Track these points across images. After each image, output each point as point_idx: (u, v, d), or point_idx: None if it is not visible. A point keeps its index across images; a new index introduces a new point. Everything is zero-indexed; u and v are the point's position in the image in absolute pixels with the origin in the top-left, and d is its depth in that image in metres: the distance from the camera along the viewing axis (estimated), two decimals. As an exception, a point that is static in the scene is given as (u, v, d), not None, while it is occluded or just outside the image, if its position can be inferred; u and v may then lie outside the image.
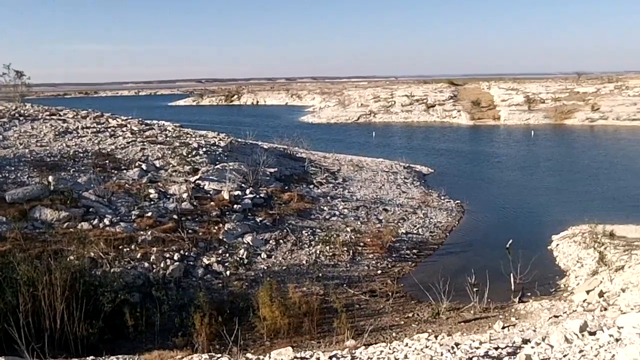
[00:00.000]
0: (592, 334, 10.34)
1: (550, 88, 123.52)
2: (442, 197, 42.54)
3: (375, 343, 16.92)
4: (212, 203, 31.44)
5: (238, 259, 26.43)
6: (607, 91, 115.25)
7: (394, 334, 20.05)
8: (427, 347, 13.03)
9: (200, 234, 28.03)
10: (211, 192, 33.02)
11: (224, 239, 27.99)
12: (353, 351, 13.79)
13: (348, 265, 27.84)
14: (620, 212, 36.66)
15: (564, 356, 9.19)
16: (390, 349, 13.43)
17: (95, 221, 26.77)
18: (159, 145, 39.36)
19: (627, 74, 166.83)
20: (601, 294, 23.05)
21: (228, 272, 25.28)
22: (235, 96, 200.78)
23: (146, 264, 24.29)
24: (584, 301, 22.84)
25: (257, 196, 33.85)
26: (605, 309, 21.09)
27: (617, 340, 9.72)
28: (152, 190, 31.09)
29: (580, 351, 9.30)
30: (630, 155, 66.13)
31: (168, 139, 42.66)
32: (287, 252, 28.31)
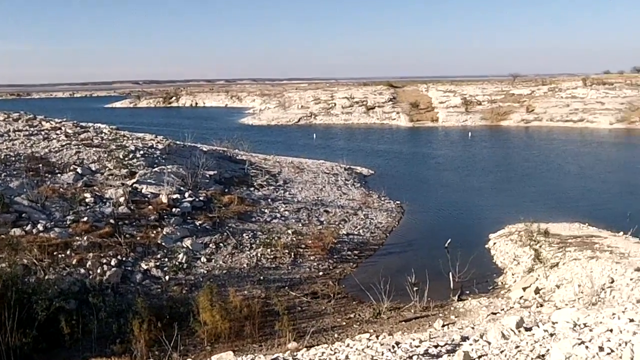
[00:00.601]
0: (528, 329, 10.54)
1: (486, 90, 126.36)
2: (383, 198, 42.91)
3: (317, 345, 16.85)
4: (150, 207, 30.84)
5: (177, 263, 26.01)
6: (542, 93, 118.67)
7: (336, 335, 20.04)
8: (368, 347, 13.04)
9: (138, 238, 27.45)
10: (149, 196, 32.40)
11: (163, 244, 27.50)
12: (295, 353, 13.68)
13: (290, 268, 27.74)
14: (554, 210, 37.68)
15: (501, 352, 9.32)
16: (332, 350, 13.38)
17: (28, 227, 25.86)
18: (94, 149, 38.41)
19: (560, 76, 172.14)
20: (537, 291, 23.63)
21: (167, 277, 24.85)
22: (174, 98, 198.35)
23: (82, 270, 23.62)
24: (520, 298, 23.36)
25: (197, 199, 33.39)
26: (541, 305, 21.62)
27: (551, 335, 9.92)
28: (87, 195, 30.29)
29: (517, 347, 9.45)
30: (563, 156, 68.19)
31: (104, 141, 41.69)
32: (227, 256, 28.00)
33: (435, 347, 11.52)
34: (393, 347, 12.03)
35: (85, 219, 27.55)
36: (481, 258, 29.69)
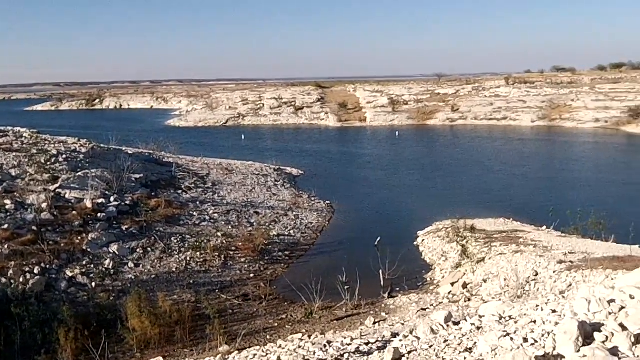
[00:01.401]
0: (457, 324, 10.75)
1: (412, 90, 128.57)
2: (313, 198, 43.06)
3: (249, 347, 16.74)
4: (74, 212, 29.90)
5: (104, 269, 25.34)
6: (466, 92, 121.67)
7: (268, 337, 19.96)
8: (300, 347, 13.06)
9: (63, 245, 26.56)
10: (73, 201, 31.40)
11: (89, 250, 26.72)
12: (226, 356, 13.58)
13: (220, 271, 27.47)
14: (480, 206, 38.70)
15: (430, 347, 9.49)
16: (263, 351, 13.34)
17: (-57, 236, 24.69)
18: (14, 153, 36.91)
19: (484, 76, 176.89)
20: (465, 286, 24.18)
21: (94, 284, 24.17)
22: (97, 100, 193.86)
23: (3, 280, 22.71)
24: (449, 293, 23.85)
25: (123, 203, 32.60)
26: (469, 300, 22.14)
27: (478, 328, 10.16)
28: (7, 201, 29.08)
29: (445, 341, 9.63)
30: (487, 153, 70.17)
31: (25, 146, 40.11)
32: (155, 260, 27.47)
33: (367, 344, 11.64)
34: (325, 346, 12.08)
35: (6, 226, 26.46)
36: (410, 255, 30.17)
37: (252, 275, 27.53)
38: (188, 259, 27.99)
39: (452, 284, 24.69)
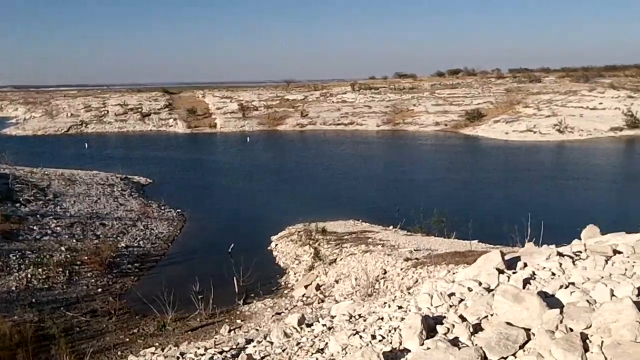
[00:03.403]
0: (309, 325, 10.95)
1: (262, 96, 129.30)
2: (163, 207, 42.12)
3: (99, 365, 16.06)
4: None
5: None
6: (314, 98, 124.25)
7: (119, 353, 19.22)
8: (152, 361, 12.73)
9: None
10: None
11: None
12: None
13: (65, 287, 26.06)
14: (331, 209, 39.48)
15: (283, 350, 9.59)
16: (114, 369, 12.83)
17: None
18: None
19: (331, 82, 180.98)
20: (318, 287, 24.67)
21: None
22: None
23: None
24: (303, 296, 24.21)
25: (-47, 220, 30.13)
26: (323, 301, 22.61)
27: (330, 328, 10.41)
28: None
29: (298, 344, 9.78)
30: (336, 157, 72.15)
31: None
32: (-8, 280, 25.58)
33: (221, 353, 11.56)
34: (178, 358, 11.88)
35: None
36: (265, 260, 30.32)
37: (100, 289, 26.38)
38: (29, 276, 26.29)
39: (306, 287, 25.09)
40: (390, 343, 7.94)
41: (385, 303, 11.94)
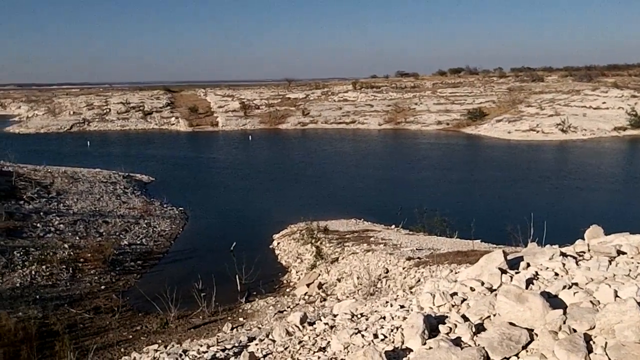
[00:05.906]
0: (312, 324, 10.94)
1: (264, 94, 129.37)
2: (165, 205, 42.16)
3: (102, 362, 16.12)
4: None
5: (-64, 289, 23.33)
6: (316, 97, 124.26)
7: (122, 350, 19.26)
8: (155, 358, 12.77)
9: None
10: None
11: None
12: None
13: (68, 284, 26.15)
14: (332, 208, 39.56)
15: (285, 348, 9.61)
16: (117, 366, 12.88)
17: None
18: None
19: (332, 81, 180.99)
20: (320, 286, 24.67)
21: None
22: None
23: None
24: (305, 294, 24.25)
25: (-43, 217, 30.23)
26: (325, 299, 22.64)
27: (332, 327, 10.41)
28: None
29: (300, 342, 9.79)
30: (337, 156, 72.12)
31: None
32: (-4, 277, 25.67)
33: (223, 350, 11.58)
34: (181, 355, 11.89)
35: None
36: (266, 258, 30.36)
37: (103, 287, 26.45)
38: (33, 273, 26.40)
39: (308, 285, 25.11)
40: (392, 342, 7.96)
41: (387, 302, 11.95)
